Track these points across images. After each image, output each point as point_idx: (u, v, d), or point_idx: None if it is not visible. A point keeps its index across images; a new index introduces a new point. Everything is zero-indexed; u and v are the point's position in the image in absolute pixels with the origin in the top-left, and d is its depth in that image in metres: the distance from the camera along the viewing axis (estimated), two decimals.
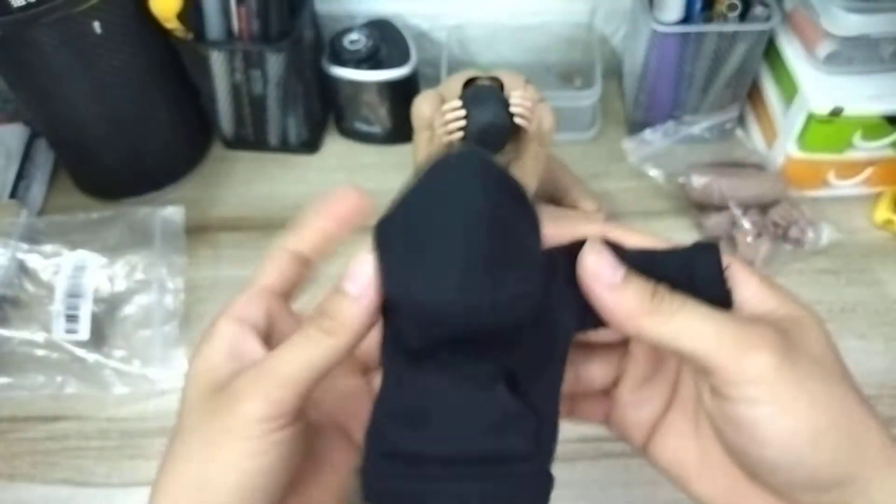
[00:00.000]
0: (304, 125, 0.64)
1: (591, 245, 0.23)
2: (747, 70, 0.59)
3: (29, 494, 0.46)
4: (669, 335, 0.22)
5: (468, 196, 0.23)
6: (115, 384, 0.50)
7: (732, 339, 0.21)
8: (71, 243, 0.53)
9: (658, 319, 0.22)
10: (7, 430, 0.49)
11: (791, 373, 0.21)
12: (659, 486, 0.44)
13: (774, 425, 0.21)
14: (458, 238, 0.22)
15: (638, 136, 0.61)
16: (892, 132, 0.54)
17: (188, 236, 0.56)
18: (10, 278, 0.52)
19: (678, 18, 0.56)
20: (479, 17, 0.67)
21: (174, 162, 0.64)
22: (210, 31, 0.57)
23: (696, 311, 0.22)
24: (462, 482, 0.23)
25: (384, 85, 0.61)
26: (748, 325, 0.22)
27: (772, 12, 0.56)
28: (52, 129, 0.60)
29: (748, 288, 0.23)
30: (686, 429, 0.26)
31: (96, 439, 0.48)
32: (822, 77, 0.54)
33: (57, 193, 0.64)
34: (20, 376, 0.50)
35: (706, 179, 0.57)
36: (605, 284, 0.23)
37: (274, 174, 0.64)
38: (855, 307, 0.52)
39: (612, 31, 0.69)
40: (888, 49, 0.53)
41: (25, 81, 0.54)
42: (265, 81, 0.60)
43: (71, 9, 0.48)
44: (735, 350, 0.21)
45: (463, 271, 0.22)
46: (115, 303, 0.52)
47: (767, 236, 0.55)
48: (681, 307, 0.22)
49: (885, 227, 0.57)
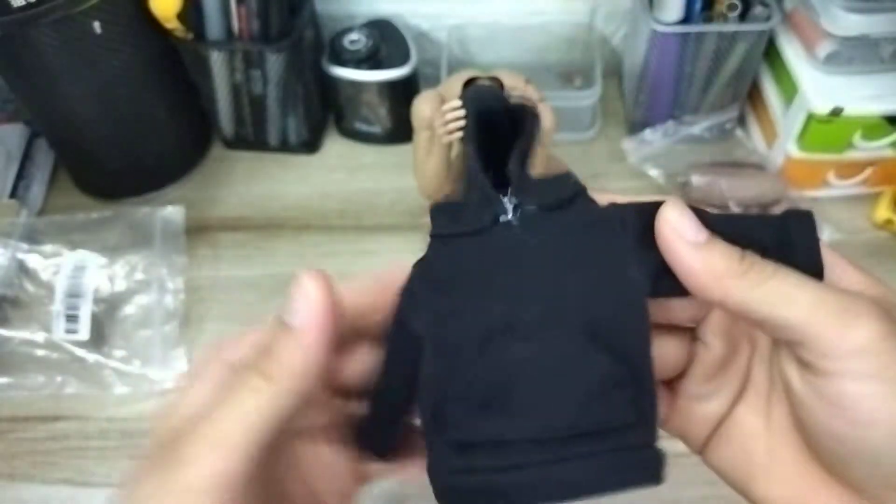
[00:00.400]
0: (304, 125, 0.64)
1: (672, 202, 0.21)
2: (747, 70, 0.59)
3: (29, 494, 0.46)
4: (760, 300, 0.19)
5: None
6: (115, 384, 0.50)
7: (832, 307, 0.19)
8: (71, 243, 0.53)
9: (747, 283, 0.20)
10: (7, 429, 0.49)
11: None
12: (660, 485, 0.44)
13: (882, 403, 0.18)
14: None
15: (638, 136, 0.61)
16: (892, 132, 0.54)
17: (188, 236, 0.56)
18: (10, 278, 0.52)
19: (678, 18, 0.56)
20: (479, 17, 0.67)
21: (174, 162, 0.64)
22: (210, 31, 0.57)
23: (790, 275, 0.20)
24: (565, 463, 0.20)
25: (384, 85, 0.61)
26: (848, 294, 0.20)
27: (772, 12, 0.56)
28: (52, 129, 0.60)
29: (837, 267, 0.21)
30: (755, 424, 0.23)
31: (96, 439, 0.48)
32: (822, 77, 0.54)
33: (57, 193, 0.64)
34: (20, 376, 0.50)
35: (706, 179, 0.57)
36: (688, 242, 0.20)
37: (274, 174, 0.64)
38: None
39: (612, 31, 0.69)
40: (888, 49, 0.53)
41: (25, 81, 0.54)
42: (265, 81, 0.60)
43: (71, 9, 0.48)
44: (836, 318, 0.19)
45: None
46: (115, 303, 0.52)
47: None
48: (774, 272, 0.20)
49: (884, 227, 0.57)
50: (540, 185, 0.23)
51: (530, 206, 0.22)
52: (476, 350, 0.21)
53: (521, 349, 0.21)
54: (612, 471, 0.20)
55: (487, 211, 0.22)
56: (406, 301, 0.23)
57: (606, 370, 0.20)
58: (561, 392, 0.20)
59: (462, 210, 0.23)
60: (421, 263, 0.23)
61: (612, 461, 0.20)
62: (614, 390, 0.20)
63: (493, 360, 0.21)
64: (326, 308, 0.21)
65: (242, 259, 0.57)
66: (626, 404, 0.20)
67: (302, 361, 0.21)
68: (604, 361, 0.20)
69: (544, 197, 0.22)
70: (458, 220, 0.23)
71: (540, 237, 0.22)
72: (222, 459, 0.20)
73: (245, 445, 0.20)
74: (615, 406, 0.20)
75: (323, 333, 0.21)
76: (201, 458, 0.20)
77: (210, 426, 0.20)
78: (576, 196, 0.23)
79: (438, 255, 0.23)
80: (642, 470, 0.21)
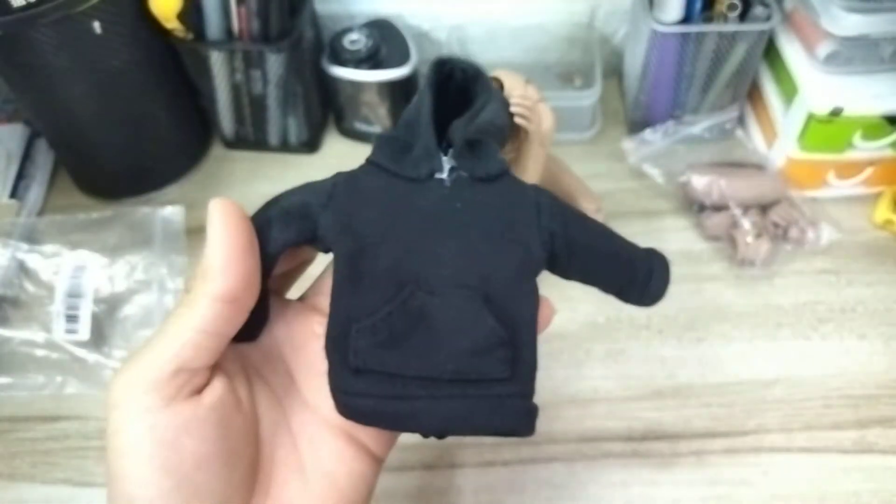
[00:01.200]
0: (304, 125, 0.64)
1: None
2: (747, 70, 0.59)
3: (29, 494, 0.46)
4: None
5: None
6: None
7: None
8: (71, 243, 0.53)
9: None
10: (7, 430, 0.49)
11: None
12: (658, 486, 0.44)
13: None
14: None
15: (638, 136, 0.61)
16: (892, 132, 0.54)
17: (188, 236, 0.56)
18: (10, 278, 0.53)
19: (678, 18, 0.56)
20: (479, 16, 0.67)
21: (174, 162, 0.64)
22: (210, 31, 0.57)
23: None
24: (445, 401, 0.24)
25: (384, 85, 0.61)
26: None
27: (772, 12, 0.56)
28: (52, 130, 0.60)
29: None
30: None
31: (97, 439, 0.48)
32: (822, 77, 0.54)
33: (57, 193, 0.64)
34: (20, 376, 0.50)
35: (706, 179, 0.57)
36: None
37: (274, 174, 0.64)
38: (855, 307, 0.52)
39: (612, 31, 0.69)
40: (888, 49, 0.53)
41: (25, 81, 0.54)
42: (265, 81, 0.60)
43: (71, 9, 0.49)
44: None
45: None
46: (115, 303, 0.53)
47: (767, 236, 0.55)
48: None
49: (884, 227, 0.57)
50: (476, 156, 0.26)
51: (464, 172, 0.26)
52: (388, 292, 0.24)
53: (426, 301, 0.24)
54: (481, 413, 0.24)
55: (426, 164, 0.26)
56: (317, 191, 0.26)
57: (491, 331, 0.24)
58: (451, 343, 0.24)
59: (405, 152, 0.26)
60: (348, 176, 0.26)
61: (481, 405, 0.24)
62: (496, 349, 0.24)
63: (400, 305, 0.24)
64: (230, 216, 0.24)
65: None
66: (504, 362, 0.24)
67: (226, 260, 0.23)
68: (491, 323, 0.24)
69: (477, 168, 0.26)
70: (399, 161, 0.26)
71: (465, 202, 0.25)
72: (155, 366, 0.22)
73: (182, 350, 0.22)
74: (494, 361, 0.24)
75: (243, 235, 0.23)
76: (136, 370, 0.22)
77: (152, 341, 0.22)
78: (503, 174, 0.26)
79: (370, 179, 0.26)
80: (508, 416, 0.25)
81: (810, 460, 0.45)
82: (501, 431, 0.25)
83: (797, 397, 0.48)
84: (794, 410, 0.47)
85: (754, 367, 0.49)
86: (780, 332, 0.51)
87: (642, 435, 0.46)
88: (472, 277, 0.25)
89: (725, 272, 0.55)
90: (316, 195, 0.26)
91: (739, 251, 0.55)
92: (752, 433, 0.46)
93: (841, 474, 0.44)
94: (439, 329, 0.24)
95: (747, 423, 0.47)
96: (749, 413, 0.47)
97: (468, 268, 0.25)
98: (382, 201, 0.25)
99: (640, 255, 0.28)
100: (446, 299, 0.24)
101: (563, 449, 0.46)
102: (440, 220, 0.25)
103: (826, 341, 0.51)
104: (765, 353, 0.50)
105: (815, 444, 0.46)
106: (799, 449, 0.46)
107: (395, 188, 0.26)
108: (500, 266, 0.25)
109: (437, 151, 0.26)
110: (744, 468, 0.45)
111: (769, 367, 0.49)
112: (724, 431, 0.46)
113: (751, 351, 0.50)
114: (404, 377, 0.24)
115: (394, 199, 0.25)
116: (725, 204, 0.56)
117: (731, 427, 0.47)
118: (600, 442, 0.46)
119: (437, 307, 0.24)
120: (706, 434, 0.46)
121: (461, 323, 0.24)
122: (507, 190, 0.26)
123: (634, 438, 0.46)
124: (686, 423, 0.47)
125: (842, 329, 0.51)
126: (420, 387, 0.24)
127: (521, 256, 0.25)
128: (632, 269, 0.28)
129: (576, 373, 0.49)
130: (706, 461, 0.45)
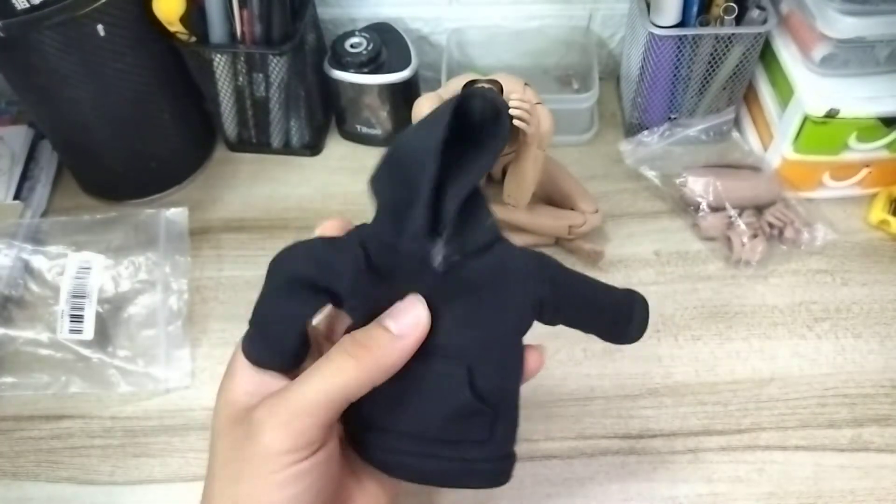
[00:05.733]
0: (306, 128, 0.65)
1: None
2: (743, 73, 0.60)
3: (33, 493, 0.47)
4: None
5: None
6: (119, 383, 0.51)
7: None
8: (75, 244, 0.54)
9: None
10: (12, 428, 0.50)
11: None
12: (656, 483, 0.45)
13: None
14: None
15: (635, 139, 0.62)
16: (887, 134, 0.55)
17: (192, 237, 0.57)
18: (14, 279, 0.53)
19: (675, 22, 0.57)
20: (478, 20, 0.67)
21: (178, 164, 0.65)
22: (213, 34, 0.57)
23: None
24: (426, 458, 0.28)
25: (385, 88, 0.62)
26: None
27: (768, 15, 0.56)
28: (56, 132, 0.61)
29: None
30: None
31: (100, 438, 0.49)
32: (818, 79, 0.55)
33: (61, 195, 0.64)
34: (25, 376, 0.51)
35: (703, 181, 0.57)
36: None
37: (276, 176, 0.65)
38: (850, 307, 0.53)
39: (610, 35, 0.69)
40: (883, 51, 0.54)
41: (29, 84, 0.55)
42: (268, 85, 0.61)
43: (74, 12, 0.49)
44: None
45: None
46: (119, 303, 0.53)
47: (763, 237, 0.56)
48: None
49: (880, 228, 0.58)
50: (468, 224, 0.27)
51: (455, 256, 0.27)
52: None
53: (419, 368, 0.27)
54: (454, 474, 0.28)
55: (419, 250, 0.27)
56: (341, 273, 0.28)
57: (468, 403, 0.28)
58: (436, 409, 0.28)
59: (403, 220, 0.27)
60: (365, 257, 0.28)
61: (455, 467, 0.28)
62: (473, 416, 0.28)
63: (402, 369, 0.27)
64: (424, 332, 0.26)
65: (245, 260, 0.58)
66: (482, 426, 0.28)
67: (392, 357, 0.25)
68: (467, 396, 0.27)
69: (468, 243, 0.28)
70: (399, 232, 0.27)
71: (458, 282, 0.28)
72: (301, 419, 0.24)
73: (325, 411, 0.24)
74: (472, 427, 0.28)
75: (416, 342, 0.26)
76: (280, 422, 0.23)
77: (293, 392, 0.24)
78: (494, 242, 0.28)
79: (380, 258, 0.28)
80: (480, 478, 0.29)
81: (806, 458, 0.46)
82: (475, 488, 0.30)
83: (793, 396, 0.48)
84: (789, 409, 0.48)
85: (750, 366, 0.50)
86: (776, 331, 0.52)
87: (639, 433, 0.47)
88: (461, 350, 0.28)
89: (722, 272, 0.55)
90: (340, 280, 0.28)
91: (735, 251, 0.55)
92: (748, 431, 0.47)
93: (836, 472, 0.45)
94: (429, 393, 0.28)
95: (743, 421, 0.47)
96: (745, 411, 0.48)
97: (459, 340, 0.28)
98: (387, 267, 0.28)
99: (620, 300, 0.32)
100: (435, 367, 0.28)
101: (561, 446, 0.46)
102: (435, 296, 0.28)
103: (821, 340, 0.51)
104: (760, 353, 0.51)
105: (811, 442, 0.46)
106: (794, 447, 0.46)
107: (401, 266, 0.28)
108: (489, 337, 0.28)
109: (428, 240, 0.27)
110: (739, 466, 0.45)
111: (765, 366, 0.50)
112: (720, 430, 0.47)
113: (747, 350, 0.51)
114: (398, 433, 0.28)
115: (399, 280, 0.28)
116: (722, 205, 0.57)
117: (727, 425, 0.47)
118: (598, 440, 0.47)
119: (427, 373, 0.27)
120: (702, 432, 0.47)
121: (444, 393, 0.28)
122: (497, 261, 0.28)
123: (631, 436, 0.47)
124: (682, 422, 0.47)
125: (837, 328, 0.52)
126: (410, 443, 0.28)
127: (511, 325, 0.29)
128: (614, 315, 0.31)
129: (573, 371, 0.50)
130: (702, 459, 0.46)
